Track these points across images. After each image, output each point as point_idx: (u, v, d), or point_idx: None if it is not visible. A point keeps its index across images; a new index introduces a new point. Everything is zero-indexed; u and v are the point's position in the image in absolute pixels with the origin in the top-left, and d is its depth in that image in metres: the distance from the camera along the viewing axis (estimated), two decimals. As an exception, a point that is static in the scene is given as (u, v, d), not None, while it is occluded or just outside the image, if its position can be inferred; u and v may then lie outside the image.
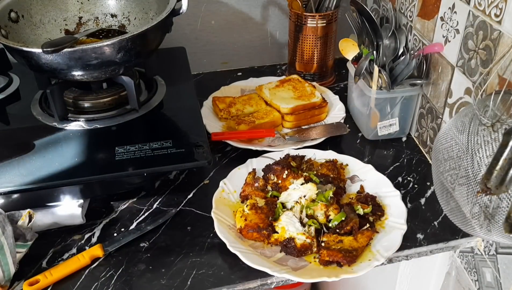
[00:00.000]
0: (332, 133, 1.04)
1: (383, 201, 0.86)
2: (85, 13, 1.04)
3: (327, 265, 0.75)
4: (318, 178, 0.88)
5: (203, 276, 0.75)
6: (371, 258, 0.75)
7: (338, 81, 1.26)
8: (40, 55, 0.79)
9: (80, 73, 0.83)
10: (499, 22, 0.72)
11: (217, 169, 0.96)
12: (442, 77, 0.91)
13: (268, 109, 1.09)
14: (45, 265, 0.77)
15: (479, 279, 0.84)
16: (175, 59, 1.13)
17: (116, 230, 0.83)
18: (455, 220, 0.71)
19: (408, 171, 0.96)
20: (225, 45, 1.30)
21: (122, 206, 0.88)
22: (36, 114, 0.92)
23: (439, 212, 0.85)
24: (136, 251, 0.80)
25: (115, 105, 0.94)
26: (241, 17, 1.27)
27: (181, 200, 0.89)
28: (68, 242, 0.81)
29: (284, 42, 1.32)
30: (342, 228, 0.79)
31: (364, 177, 0.92)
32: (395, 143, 1.04)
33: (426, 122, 1.00)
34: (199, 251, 0.79)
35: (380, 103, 0.99)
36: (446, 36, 0.88)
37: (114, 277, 0.75)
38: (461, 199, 0.67)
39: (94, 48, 0.79)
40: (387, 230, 0.81)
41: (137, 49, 0.84)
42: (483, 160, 0.62)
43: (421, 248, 0.80)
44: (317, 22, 1.14)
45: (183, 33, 1.24)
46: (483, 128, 0.63)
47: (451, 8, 0.85)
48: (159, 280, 0.75)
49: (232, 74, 1.30)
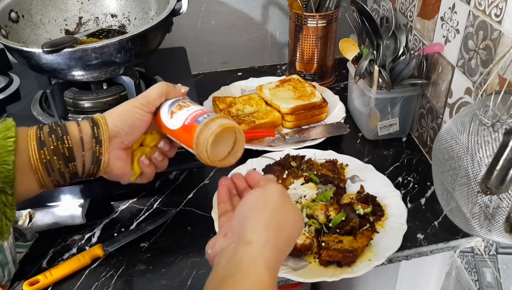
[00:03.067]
0: (332, 133, 1.04)
1: (383, 201, 0.86)
2: (85, 13, 1.04)
3: (327, 265, 0.75)
4: (318, 178, 0.88)
5: (203, 276, 0.75)
6: (371, 258, 0.75)
7: (338, 81, 1.26)
8: (40, 55, 0.79)
9: (80, 73, 0.83)
10: (499, 22, 0.72)
11: (217, 169, 0.96)
12: (442, 77, 0.91)
13: (268, 109, 1.09)
14: (45, 265, 0.77)
15: (479, 279, 0.84)
16: (175, 59, 1.13)
17: (116, 230, 0.83)
18: (456, 220, 0.71)
19: (408, 171, 0.96)
20: (225, 45, 1.30)
21: (122, 206, 0.88)
22: (36, 114, 0.92)
23: (439, 212, 0.85)
24: (136, 251, 0.80)
25: (115, 105, 0.92)
26: (241, 17, 1.27)
27: (181, 200, 0.89)
28: (68, 242, 0.81)
29: (284, 42, 1.32)
30: (342, 228, 0.79)
31: (364, 177, 0.92)
32: (395, 143, 1.04)
33: (426, 122, 1.00)
34: (199, 251, 0.79)
35: (380, 103, 0.99)
36: (446, 36, 0.88)
37: (114, 277, 0.75)
38: (461, 199, 0.67)
39: (94, 48, 0.79)
40: (387, 230, 0.81)
41: (137, 49, 0.84)
42: (483, 160, 0.62)
43: (421, 248, 0.80)
44: (317, 22, 1.14)
45: (183, 33, 1.24)
46: (483, 128, 0.63)
47: (451, 8, 0.85)
48: (159, 280, 0.75)
49: (232, 74, 1.30)
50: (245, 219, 0.53)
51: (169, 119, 0.61)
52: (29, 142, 0.54)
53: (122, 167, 0.62)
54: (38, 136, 0.55)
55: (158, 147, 0.64)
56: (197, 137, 0.56)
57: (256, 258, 0.50)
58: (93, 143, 0.57)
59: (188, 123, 0.58)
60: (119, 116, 0.60)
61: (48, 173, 0.55)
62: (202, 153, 0.57)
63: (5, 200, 0.52)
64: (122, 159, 0.61)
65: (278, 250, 0.52)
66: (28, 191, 0.56)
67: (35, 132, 0.55)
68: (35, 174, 0.54)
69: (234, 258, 0.50)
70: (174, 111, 0.60)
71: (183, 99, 0.63)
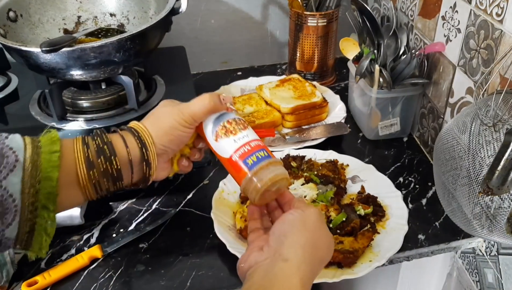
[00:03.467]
0: (332, 133, 1.03)
1: (384, 201, 0.86)
2: (84, 12, 1.03)
3: (327, 266, 0.74)
4: (318, 179, 0.88)
5: (202, 277, 0.75)
6: (372, 259, 0.75)
7: (339, 81, 1.26)
8: (39, 55, 0.78)
9: (79, 73, 0.83)
10: (500, 21, 0.71)
11: (217, 170, 0.95)
12: (444, 76, 0.91)
13: (268, 109, 1.08)
14: (44, 266, 0.77)
15: (480, 280, 0.83)
16: (174, 58, 1.13)
17: (115, 230, 0.83)
18: (457, 220, 0.71)
19: (409, 171, 0.95)
20: (225, 44, 1.29)
21: (121, 207, 0.88)
22: (35, 114, 0.92)
23: (440, 212, 0.85)
24: (135, 252, 0.79)
25: (114, 105, 0.93)
26: (241, 16, 1.26)
27: (181, 201, 0.89)
28: (67, 243, 0.81)
29: (284, 41, 1.32)
30: (342, 229, 0.78)
31: (365, 177, 0.92)
32: (396, 143, 1.03)
33: (427, 122, 0.99)
34: (198, 252, 0.79)
35: (381, 102, 0.98)
36: (447, 35, 0.87)
37: (113, 278, 0.75)
38: (462, 200, 0.66)
39: (93, 47, 0.79)
40: (388, 230, 0.80)
41: (136, 48, 0.84)
42: (484, 160, 0.62)
43: (422, 249, 0.80)
44: (318, 21, 1.13)
45: (183, 32, 1.24)
46: (485, 128, 0.63)
47: (453, 7, 0.84)
48: (158, 281, 0.74)
49: (232, 73, 1.29)
50: (284, 236, 0.55)
51: (214, 141, 0.61)
52: (77, 161, 0.55)
53: (164, 175, 0.65)
54: (86, 155, 0.55)
55: (197, 147, 0.66)
56: (246, 184, 0.58)
57: (292, 275, 0.52)
58: (143, 165, 0.59)
59: (235, 160, 0.59)
60: (166, 134, 0.60)
61: (96, 191, 0.56)
62: (250, 197, 0.59)
63: (46, 217, 0.52)
64: (165, 169, 0.64)
65: (312, 270, 0.55)
66: (72, 204, 0.57)
67: (81, 148, 0.55)
68: (82, 189, 0.55)
69: (270, 272, 0.52)
70: (219, 134, 0.61)
71: (228, 115, 0.62)
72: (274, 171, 0.58)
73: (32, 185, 0.50)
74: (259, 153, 0.59)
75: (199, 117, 0.61)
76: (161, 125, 0.60)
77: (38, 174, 0.50)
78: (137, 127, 0.60)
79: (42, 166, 0.51)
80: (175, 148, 0.62)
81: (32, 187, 0.50)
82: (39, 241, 0.53)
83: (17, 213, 0.49)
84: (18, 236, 0.51)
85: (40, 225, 0.52)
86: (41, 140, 0.53)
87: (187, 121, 0.60)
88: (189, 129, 0.61)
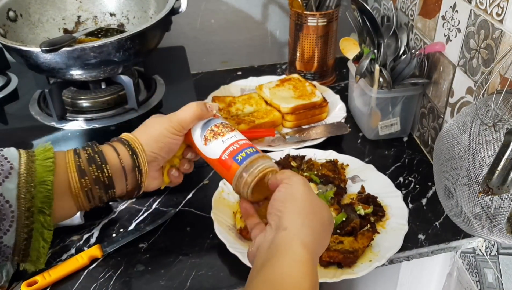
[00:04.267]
0: (332, 133, 1.03)
1: (384, 201, 0.86)
2: (84, 12, 1.03)
3: (327, 266, 0.74)
4: (318, 179, 0.88)
5: (202, 277, 0.75)
6: (372, 259, 0.75)
7: (339, 81, 1.26)
8: (39, 54, 0.78)
9: (78, 72, 0.83)
10: (500, 21, 0.71)
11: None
12: (444, 76, 0.91)
13: (268, 109, 1.08)
14: (44, 266, 0.76)
15: (480, 280, 0.83)
16: (174, 58, 1.13)
17: (115, 230, 0.83)
18: (457, 220, 0.70)
19: (410, 171, 0.95)
20: (225, 44, 1.29)
21: (121, 207, 0.88)
22: (35, 114, 0.92)
23: (440, 212, 0.85)
24: (135, 252, 0.79)
25: (114, 105, 0.93)
26: (241, 16, 1.26)
27: (181, 201, 0.89)
28: (66, 242, 0.81)
29: (284, 41, 1.32)
30: (342, 229, 0.78)
31: (365, 177, 0.92)
32: (396, 143, 1.03)
33: (427, 122, 0.99)
34: (198, 252, 0.79)
35: (381, 102, 0.98)
36: (447, 35, 0.87)
37: (113, 278, 0.75)
38: (462, 200, 0.66)
39: (93, 47, 0.79)
40: (388, 230, 0.80)
41: (136, 48, 0.84)
42: (484, 160, 0.62)
43: (422, 249, 0.80)
44: (318, 21, 1.13)
45: (183, 32, 1.24)
46: (485, 128, 0.63)
47: (453, 7, 0.84)
48: (158, 281, 0.74)
49: (232, 73, 1.29)
50: (279, 211, 0.56)
51: (203, 145, 0.63)
52: (69, 169, 0.56)
53: (156, 184, 0.67)
54: (78, 164, 0.56)
55: (186, 158, 0.68)
56: (237, 180, 0.60)
57: (293, 239, 0.53)
58: (135, 172, 0.60)
59: (225, 158, 0.61)
60: (156, 142, 0.62)
61: (88, 199, 0.57)
62: (242, 193, 0.61)
63: (43, 221, 0.52)
64: (156, 178, 0.66)
65: (315, 232, 0.55)
66: (65, 214, 0.58)
67: (72, 158, 0.57)
68: (74, 198, 0.56)
69: (273, 243, 0.53)
70: (208, 137, 0.63)
71: (214, 120, 0.65)
72: (264, 163, 0.60)
73: (28, 190, 0.50)
74: (248, 149, 0.61)
75: (187, 123, 0.63)
76: (151, 133, 0.63)
77: (33, 179, 0.51)
78: (126, 136, 0.62)
79: (37, 171, 0.52)
80: (165, 155, 0.64)
81: (28, 192, 0.50)
82: (37, 247, 0.53)
83: (14, 219, 0.50)
84: (16, 244, 0.51)
85: (37, 231, 0.52)
86: (35, 151, 0.55)
87: (175, 128, 0.62)
88: (178, 136, 0.63)
